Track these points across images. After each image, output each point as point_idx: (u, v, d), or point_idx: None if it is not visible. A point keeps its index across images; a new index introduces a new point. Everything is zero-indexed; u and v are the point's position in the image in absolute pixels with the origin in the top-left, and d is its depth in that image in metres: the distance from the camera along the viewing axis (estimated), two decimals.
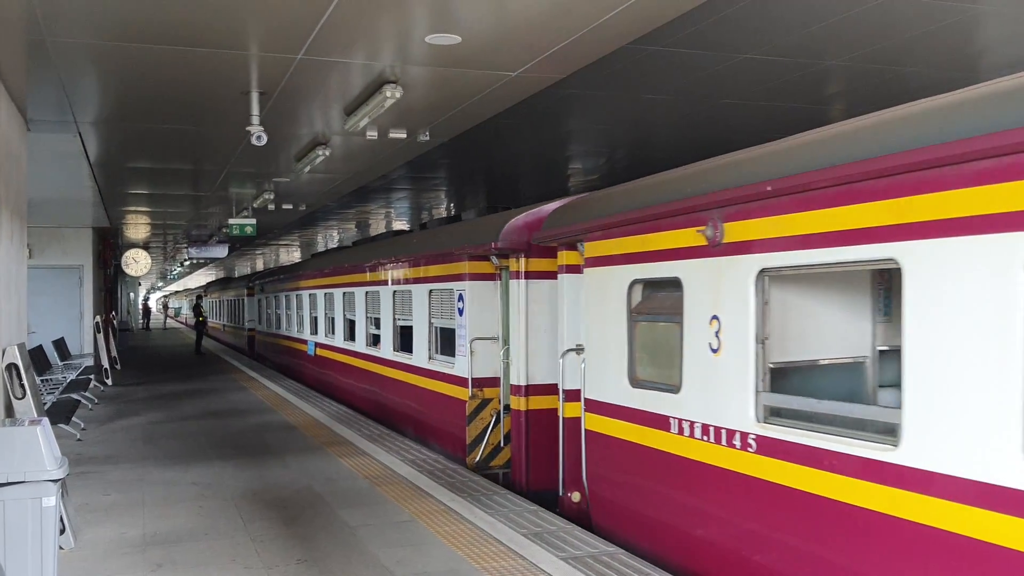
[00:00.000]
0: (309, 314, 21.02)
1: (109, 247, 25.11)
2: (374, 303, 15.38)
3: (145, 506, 8.39)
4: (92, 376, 17.58)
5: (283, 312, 24.70)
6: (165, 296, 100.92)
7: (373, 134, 10.52)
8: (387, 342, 14.54)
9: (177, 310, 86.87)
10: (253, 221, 18.56)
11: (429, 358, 12.57)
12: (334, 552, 6.82)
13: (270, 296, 27.20)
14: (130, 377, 21.69)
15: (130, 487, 9.22)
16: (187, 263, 43.41)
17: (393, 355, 14.25)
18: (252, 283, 31.63)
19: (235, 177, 15.15)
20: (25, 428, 5.71)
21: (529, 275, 10.00)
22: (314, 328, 20.45)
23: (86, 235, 21.10)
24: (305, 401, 16.45)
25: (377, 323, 15.23)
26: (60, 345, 18.91)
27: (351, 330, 17.07)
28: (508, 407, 10.50)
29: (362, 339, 16.20)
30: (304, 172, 13.25)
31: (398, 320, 14.14)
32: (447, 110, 9.86)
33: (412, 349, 13.22)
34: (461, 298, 11.29)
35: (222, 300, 42.54)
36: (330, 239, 29.54)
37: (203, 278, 66.47)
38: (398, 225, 24.23)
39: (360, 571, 6.37)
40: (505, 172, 15.88)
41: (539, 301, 9.96)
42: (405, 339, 13.76)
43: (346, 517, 7.84)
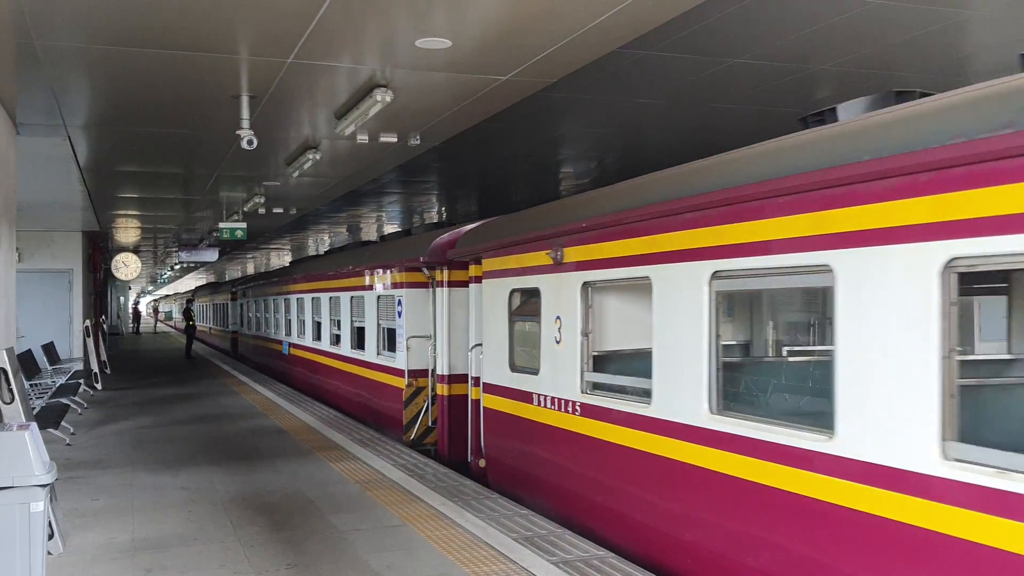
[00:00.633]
0: (283, 317, 23.17)
1: (99, 251, 25.04)
2: (335, 307, 17.66)
3: (134, 511, 8.35)
4: (81, 381, 17.50)
5: (261, 315, 27.12)
6: (155, 300, 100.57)
7: (363, 138, 10.52)
8: (346, 341, 16.78)
9: (168, 314, 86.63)
10: (243, 225, 18.54)
11: (377, 354, 14.70)
12: (324, 557, 6.80)
13: (250, 301, 29.58)
14: (120, 381, 21.61)
15: (119, 492, 9.18)
16: (177, 267, 43.30)
17: (350, 352, 16.43)
18: (234, 289, 33.89)
19: (225, 181, 15.13)
20: (13, 433, 5.68)
21: (450, 284, 12.07)
22: (288, 330, 22.60)
23: (76, 239, 21.04)
24: (296, 405, 16.41)
25: (338, 324, 17.45)
26: (49, 349, 18.84)
27: (317, 331, 19.27)
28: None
29: (327, 339, 18.32)
30: (294, 176, 13.24)
31: (354, 322, 16.24)
32: (437, 114, 9.86)
33: (364, 346, 15.46)
34: (400, 303, 13.46)
35: (207, 304, 44.89)
36: (321, 243, 29.51)
37: (193, 282, 66.29)
38: (389, 229, 24.23)
39: None
40: (496, 176, 15.88)
41: (458, 305, 11.94)
42: (360, 338, 15.92)
43: (336, 522, 7.82)
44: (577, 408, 8.02)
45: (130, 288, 62.80)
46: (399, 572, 6.39)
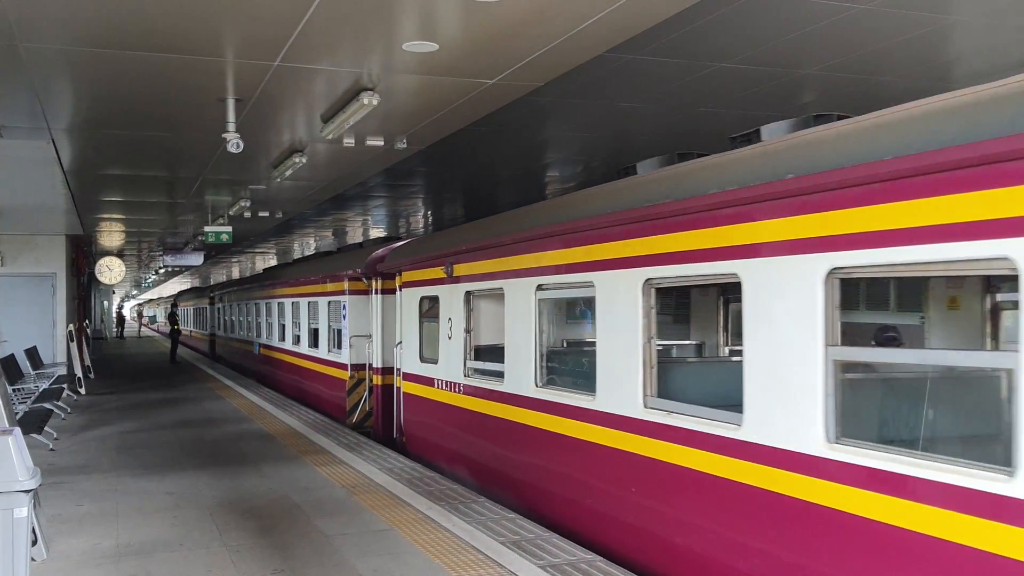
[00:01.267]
0: (254, 320, 25.77)
1: (83, 255, 24.87)
2: (296, 312, 20.19)
3: (119, 516, 8.30)
4: (65, 385, 17.39)
5: (235, 319, 29.88)
6: (140, 304, 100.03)
7: (350, 141, 10.50)
8: (303, 340, 19.25)
9: (152, 318, 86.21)
10: (229, 229, 18.48)
11: (328, 351, 17.10)
12: (311, 561, 6.78)
13: (226, 306, 32.37)
14: (104, 386, 21.48)
15: (104, 497, 9.12)
16: (162, 271, 43.10)
17: (307, 350, 18.92)
18: (212, 294, 36.75)
19: (211, 184, 15.07)
20: None
21: (383, 292, 14.35)
22: (257, 332, 25.21)
23: (59, 243, 20.88)
24: (282, 410, 16.36)
25: (298, 326, 19.98)
26: (32, 354, 18.69)
27: (282, 332, 21.78)
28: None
29: (289, 339, 20.93)
30: (280, 180, 13.20)
31: (311, 324, 18.62)
32: (424, 117, 9.86)
33: (318, 345, 17.82)
34: (344, 307, 15.88)
35: (188, 309, 47.13)
36: (306, 247, 29.48)
37: (178, 286, 66.03)
38: (375, 233, 24.22)
39: None
40: (483, 179, 15.89)
41: (389, 310, 14.03)
42: (315, 338, 18.25)
43: (323, 526, 7.79)
44: (461, 388, 10.44)
45: (114, 292, 62.43)
46: None
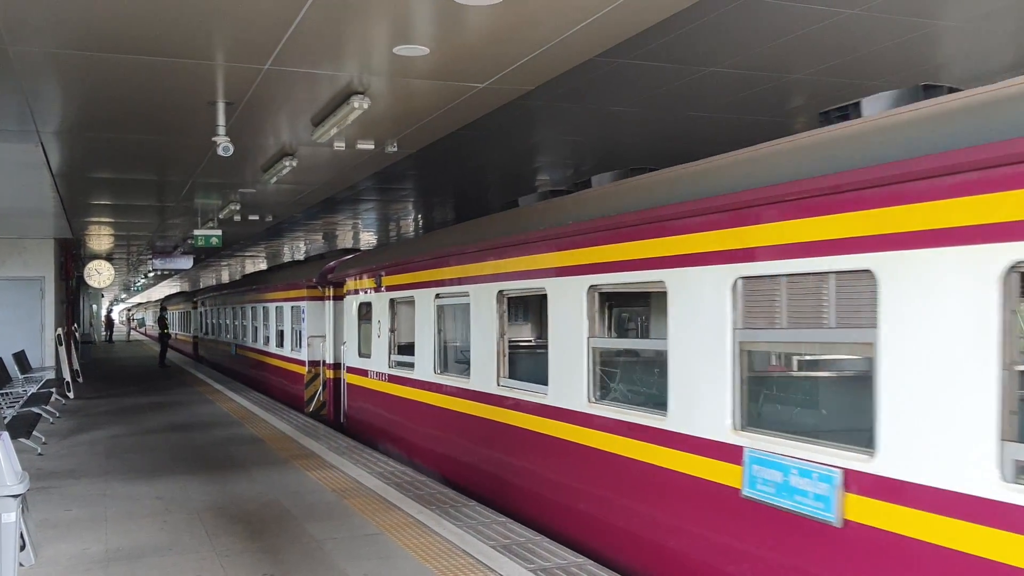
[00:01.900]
0: (232, 323, 28.35)
1: (71, 258, 24.79)
2: (265, 315, 22.69)
3: (108, 521, 8.26)
4: (53, 389, 17.30)
5: (215, 322, 32.56)
6: (129, 308, 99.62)
7: (340, 145, 10.50)
8: (272, 341, 21.75)
9: (140, 321, 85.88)
10: (219, 232, 18.44)
11: (291, 349, 19.61)
12: (301, 566, 6.76)
13: (207, 310, 34.99)
14: (93, 390, 21.38)
15: (92, 502, 9.08)
16: (151, 274, 42.94)
17: (275, 349, 21.50)
18: (194, 299, 39.51)
19: (200, 188, 15.04)
20: None
21: (334, 298, 16.96)
22: (234, 334, 27.74)
23: (48, 246, 20.81)
24: (272, 414, 16.31)
25: (267, 328, 22.41)
26: (20, 358, 18.61)
27: (255, 334, 24.15)
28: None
29: (261, 340, 23.27)
30: (271, 183, 13.18)
31: (278, 326, 21.14)
32: (415, 121, 9.85)
33: (284, 345, 20.37)
34: (303, 311, 18.37)
35: (174, 312, 49.36)
36: (296, 250, 29.44)
37: (168, 289, 65.86)
38: (365, 236, 24.27)
39: None
40: (473, 183, 15.89)
41: (338, 314, 16.68)
42: (281, 339, 20.78)
43: (313, 531, 7.77)
44: (387, 377, 12.88)
45: (103, 296, 62.18)
46: None
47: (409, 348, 12.09)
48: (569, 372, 7.56)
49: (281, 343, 20.60)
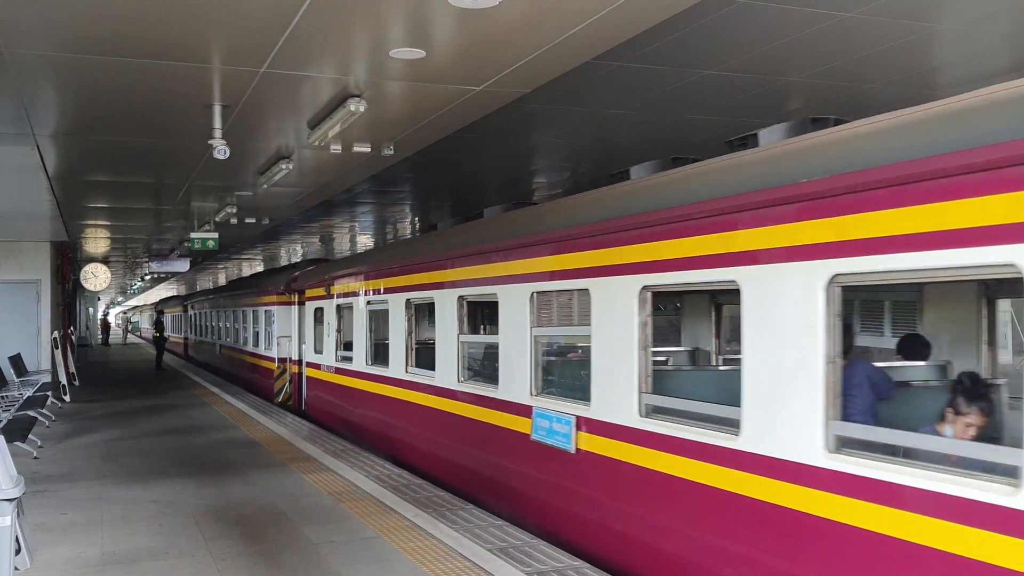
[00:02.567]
0: (215, 325, 31.23)
1: (68, 261, 24.74)
2: (243, 318, 25.14)
3: (104, 525, 8.25)
4: (49, 393, 17.26)
5: (202, 324, 35.58)
6: (125, 311, 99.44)
7: (337, 148, 10.48)
8: (249, 341, 24.18)
9: (136, 324, 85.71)
10: (215, 235, 18.42)
11: (265, 348, 22.00)
12: (298, 570, 6.75)
13: (195, 313, 38.11)
14: (89, 394, 21.34)
15: (88, 506, 9.07)
16: (148, 277, 42.87)
17: (251, 348, 23.98)
18: (185, 303, 43.18)
19: (197, 191, 15.02)
20: None
21: (300, 303, 18.99)
22: (218, 335, 30.49)
23: (44, 249, 20.76)
24: (268, 417, 16.30)
25: (246, 330, 24.72)
26: (16, 361, 18.56)
27: (235, 335, 26.69)
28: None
29: (240, 340, 25.78)
30: (267, 186, 13.17)
31: (254, 328, 23.48)
32: (411, 124, 9.85)
33: (259, 344, 22.84)
34: (273, 315, 20.83)
35: (168, 315, 50.73)
36: (293, 253, 29.43)
37: (165, 292, 65.76)
38: (361, 239, 24.31)
39: None
40: (470, 185, 15.89)
41: (302, 317, 18.80)
42: (256, 339, 23.27)
43: (310, 534, 7.76)
44: (334, 369, 15.54)
45: (99, 299, 62.07)
46: None
47: (350, 345, 14.74)
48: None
49: (256, 343, 23.25)
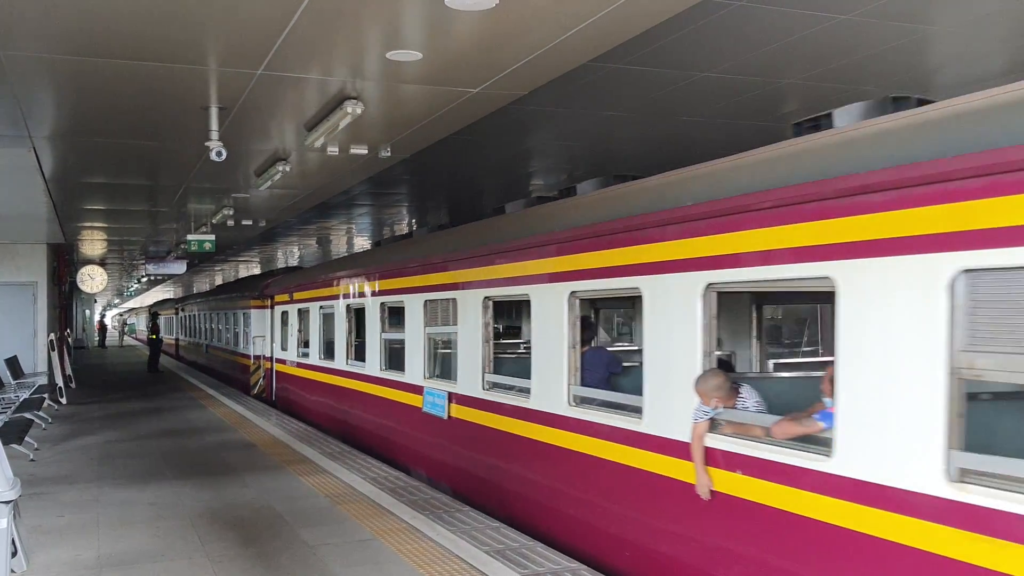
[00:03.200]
0: (202, 327, 33.89)
1: (64, 263, 24.70)
2: (225, 320, 27.86)
3: (100, 527, 8.23)
4: (46, 395, 17.24)
5: (191, 326, 38.49)
6: (122, 313, 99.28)
7: (334, 150, 10.47)
8: (231, 340, 26.76)
9: (132, 327, 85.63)
10: (212, 237, 18.40)
11: (243, 347, 24.14)
12: (294, 572, 6.74)
13: (185, 315, 41.10)
14: (85, 396, 21.31)
15: (85, 508, 9.05)
16: (145, 279, 42.81)
17: (231, 346, 26.58)
18: (176, 306, 46.56)
19: (194, 193, 15.01)
20: None
21: (272, 306, 20.91)
22: (204, 335, 33.33)
23: (40, 251, 20.74)
24: (265, 419, 16.28)
25: (228, 330, 27.25)
26: (13, 363, 18.54)
27: (219, 335, 29.53)
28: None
29: (222, 339, 28.53)
30: (264, 188, 13.15)
31: (234, 329, 26.11)
32: (408, 126, 9.85)
33: (238, 343, 25.24)
34: (250, 317, 23.00)
35: (161, 318, 51.06)
36: (290, 255, 29.43)
37: (162, 294, 65.70)
38: (359, 241, 24.30)
39: None
40: (466, 188, 15.89)
41: (274, 319, 20.71)
42: (236, 338, 25.77)
43: (307, 536, 7.75)
44: (296, 364, 18.23)
45: (96, 301, 61.99)
46: None
47: (307, 343, 17.42)
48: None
49: (236, 343, 25.75)
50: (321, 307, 15.96)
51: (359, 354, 14.00)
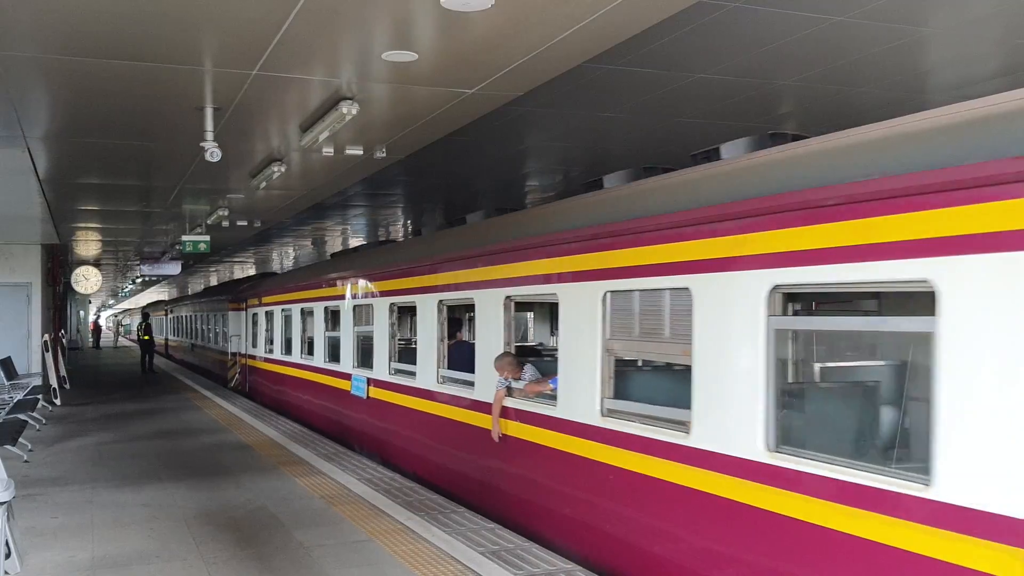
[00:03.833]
0: (188, 327, 37.51)
1: (58, 264, 24.66)
2: (206, 320, 31.26)
3: (94, 529, 8.22)
4: (40, 396, 17.20)
5: (178, 327, 42.12)
6: (116, 315, 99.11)
7: (329, 151, 10.46)
8: (213, 339, 29.45)
9: (127, 327, 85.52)
10: (207, 238, 18.39)
11: (222, 344, 26.69)
12: (289, 573, 6.73)
13: (173, 317, 45.00)
14: (79, 397, 21.27)
15: (79, 509, 9.03)
16: (139, 280, 42.76)
17: (211, 344, 29.65)
18: (165, 307, 49.70)
19: (188, 193, 14.98)
20: None
21: (247, 308, 23.11)
22: (190, 335, 36.81)
23: (35, 252, 20.71)
24: (260, 420, 16.26)
25: (209, 330, 30.49)
26: (7, 364, 18.50)
27: (202, 334, 32.72)
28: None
29: (205, 338, 31.59)
30: (259, 189, 13.14)
31: (214, 328, 29.05)
32: (404, 127, 9.84)
33: (217, 341, 28.21)
34: (228, 318, 25.58)
35: (153, 318, 50.76)
36: (285, 256, 29.42)
37: (156, 295, 65.60)
38: (354, 242, 24.31)
39: None
40: (462, 189, 15.88)
41: (248, 320, 23.04)
42: (215, 337, 28.70)
43: (302, 538, 7.74)
44: (264, 358, 20.75)
45: (90, 302, 61.86)
46: None
47: (271, 340, 20.07)
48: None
49: (216, 341, 28.72)
50: (283, 310, 18.88)
51: (310, 349, 16.85)
